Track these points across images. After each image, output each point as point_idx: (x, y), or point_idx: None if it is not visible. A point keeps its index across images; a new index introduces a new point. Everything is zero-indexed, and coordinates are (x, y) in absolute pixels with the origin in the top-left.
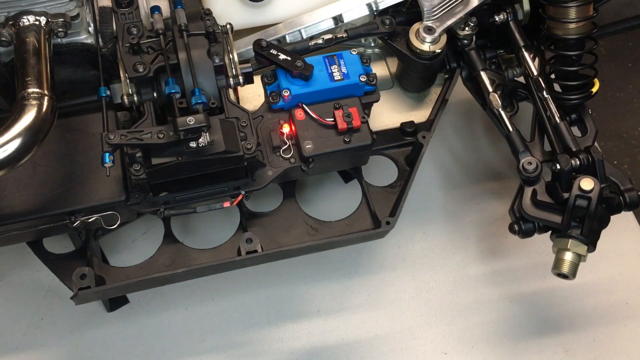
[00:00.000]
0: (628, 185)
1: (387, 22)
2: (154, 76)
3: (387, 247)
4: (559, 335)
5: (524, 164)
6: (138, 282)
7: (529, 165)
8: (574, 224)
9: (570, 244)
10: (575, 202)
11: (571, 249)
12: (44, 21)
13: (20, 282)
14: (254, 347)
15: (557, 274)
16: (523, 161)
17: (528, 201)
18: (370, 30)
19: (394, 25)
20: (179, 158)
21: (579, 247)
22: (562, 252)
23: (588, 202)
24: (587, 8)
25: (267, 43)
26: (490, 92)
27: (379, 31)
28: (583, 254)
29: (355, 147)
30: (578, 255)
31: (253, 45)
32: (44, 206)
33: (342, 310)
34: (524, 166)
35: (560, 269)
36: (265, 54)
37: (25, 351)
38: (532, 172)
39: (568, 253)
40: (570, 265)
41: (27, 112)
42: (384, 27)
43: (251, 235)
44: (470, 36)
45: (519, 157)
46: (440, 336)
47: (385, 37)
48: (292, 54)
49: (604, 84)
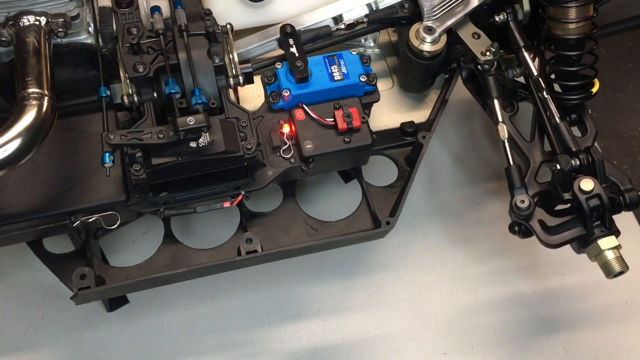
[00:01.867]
0: (628, 185)
1: (406, 7)
2: (154, 76)
3: (387, 247)
4: (559, 335)
5: (517, 201)
6: (138, 282)
7: (522, 203)
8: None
9: (603, 244)
10: (590, 204)
11: (607, 248)
12: (44, 21)
13: (20, 282)
14: (254, 347)
15: (614, 276)
16: (516, 198)
17: (543, 234)
18: (390, 14)
19: (413, 9)
20: (179, 158)
21: (610, 240)
22: (602, 255)
23: (599, 199)
24: (587, 8)
25: (292, 29)
26: (500, 121)
27: (398, 15)
28: (617, 244)
29: (355, 147)
30: (616, 248)
31: (280, 28)
32: (44, 206)
33: (342, 310)
34: (517, 204)
35: (613, 270)
36: (283, 40)
37: (25, 351)
38: (524, 211)
39: (608, 252)
40: (617, 262)
41: (27, 112)
42: (403, 12)
43: (251, 235)
44: (491, 62)
45: (514, 193)
46: (440, 336)
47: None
48: (301, 52)
49: (604, 84)
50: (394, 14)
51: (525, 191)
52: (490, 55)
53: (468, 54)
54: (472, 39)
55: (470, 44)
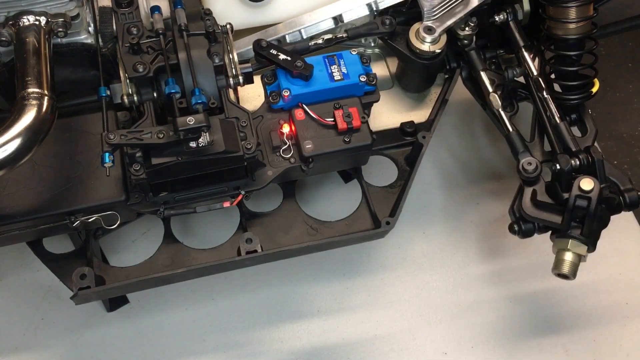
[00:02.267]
0: (628, 185)
1: (387, 22)
2: (154, 76)
3: (387, 247)
4: (559, 335)
5: (524, 164)
6: (138, 282)
7: (529, 165)
8: (574, 224)
9: (570, 244)
10: (575, 202)
11: (571, 249)
12: (44, 21)
13: (20, 282)
14: (254, 347)
15: (558, 274)
16: (523, 161)
17: (528, 201)
18: (370, 30)
19: (394, 25)
20: (179, 158)
21: (579, 247)
22: (562, 252)
23: (588, 202)
24: (587, 8)
25: (267, 43)
26: (490, 92)
27: (379, 31)
28: (583, 254)
29: (355, 147)
30: (578, 256)
31: (253, 45)
32: (44, 206)
33: (342, 310)
34: (524, 166)
35: (561, 270)
36: (265, 54)
37: (25, 351)
38: (532, 173)
39: (568, 253)
40: (570, 266)
41: (27, 112)
42: (384, 27)
43: (251, 235)
44: (470, 36)
45: (519, 157)
46: (440, 336)
47: (385, 37)
48: (292, 54)
49: (604, 84)
50: (374, 29)
51: (530, 154)
52: (469, 30)
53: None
54: None
55: None
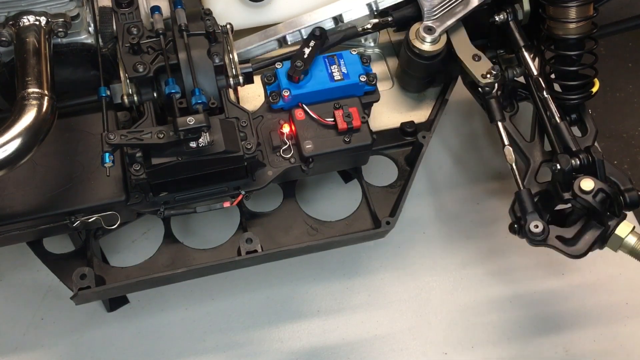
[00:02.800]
0: (628, 185)
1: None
2: (154, 76)
3: (387, 247)
4: (559, 335)
5: (531, 227)
6: (138, 282)
7: (536, 228)
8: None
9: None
10: (598, 198)
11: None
12: (44, 21)
13: (20, 282)
14: (254, 347)
15: None
16: (530, 224)
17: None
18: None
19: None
20: (179, 158)
21: (625, 226)
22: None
23: (603, 192)
24: (587, 8)
25: (322, 33)
26: (506, 145)
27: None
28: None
29: (355, 147)
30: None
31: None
32: (44, 206)
33: (342, 310)
34: (531, 229)
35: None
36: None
37: (25, 351)
38: (539, 236)
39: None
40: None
41: (27, 112)
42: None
43: (251, 235)
44: (492, 84)
45: (527, 218)
46: (440, 336)
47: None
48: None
49: (604, 84)
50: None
51: (539, 216)
52: (491, 78)
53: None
54: (473, 61)
55: (470, 67)
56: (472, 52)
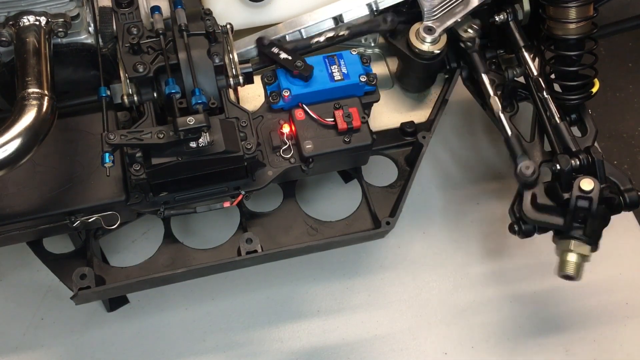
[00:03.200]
0: (628, 185)
1: (388, 20)
2: (154, 76)
3: (387, 247)
4: (559, 335)
5: (522, 168)
6: (138, 282)
7: (527, 169)
8: (576, 225)
9: (573, 245)
10: (577, 203)
11: (575, 250)
12: (44, 21)
13: (20, 282)
14: (254, 347)
15: (562, 276)
16: (521, 165)
17: (528, 205)
18: (372, 27)
19: (396, 22)
20: (179, 158)
21: (583, 247)
22: (566, 253)
23: (589, 202)
24: (587, 8)
25: (270, 41)
26: (491, 95)
27: (380, 28)
28: (587, 254)
29: (355, 147)
30: (582, 256)
31: (256, 42)
32: (44, 206)
33: (342, 310)
34: (522, 170)
35: (565, 271)
36: (266, 52)
37: (25, 351)
38: (530, 177)
39: (572, 254)
40: (575, 267)
41: (27, 112)
42: (385, 25)
43: (251, 235)
44: (473, 39)
45: (517, 162)
46: (440, 336)
47: (387, 34)
48: (293, 54)
49: (604, 84)
50: (376, 27)
51: (529, 157)
52: (473, 32)
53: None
54: None
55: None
56: None
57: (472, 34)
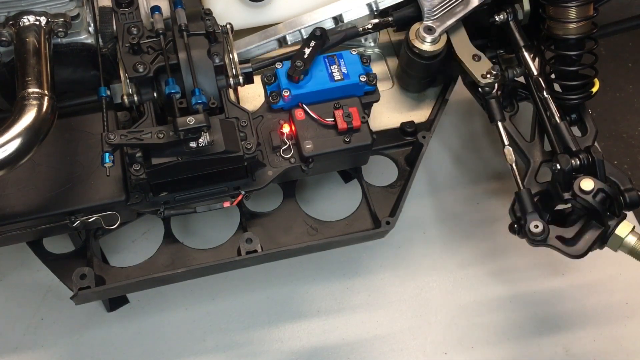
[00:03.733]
0: (628, 185)
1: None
2: (154, 76)
3: (387, 247)
4: (559, 335)
5: (531, 227)
6: (138, 282)
7: (536, 228)
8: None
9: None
10: (597, 198)
11: (626, 235)
12: (44, 21)
13: (20, 282)
14: (254, 347)
15: None
16: (530, 224)
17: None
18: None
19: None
20: (179, 158)
21: (625, 226)
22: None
23: (603, 192)
24: (587, 8)
25: (323, 33)
26: (506, 145)
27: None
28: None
29: (355, 147)
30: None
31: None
32: (44, 206)
33: (342, 310)
34: (531, 229)
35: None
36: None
37: (25, 351)
38: (539, 236)
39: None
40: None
41: (27, 112)
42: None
43: (251, 235)
44: (492, 85)
45: (527, 218)
46: (440, 336)
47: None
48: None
49: (604, 84)
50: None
51: (539, 215)
52: (491, 78)
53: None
54: (473, 61)
55: (470, 67)
56: (472, 52)
57: (490, 80)
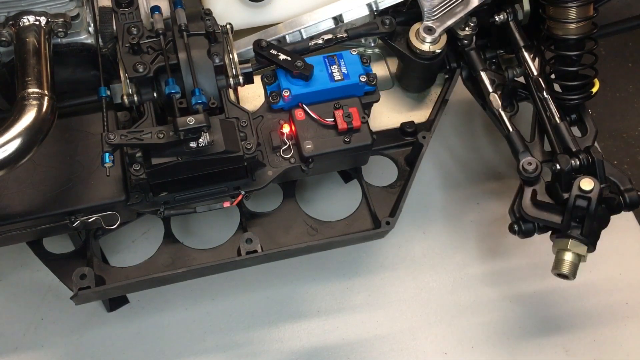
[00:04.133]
0: (628, 185)
1: (387, 22)
2: (154, 76)
3: (387, 247)
4: (559, 335)
5: (524, 164)
6: (138, 282)
7: (529, 165)
8: (574, 224)
9: (570, 244)
10: (575, 202)
11: (571, 249)
12: (44, 21)
13: (20, 282)
14: (254, 347)
15: (557, 274)
16: (523, 161)
17: (528, 201)
18: (370, 30)
19: (394, 25)
20: (179, 158)
21: (579, 247)
22: (562, 252)
23: (588, 202)
24: (587, 8)
25: (267, 43)
26: (490, 92)
27: (378, 31)
28: (583, 254)
29: (355, 147)
30: (578, 256)
31: (253, 45)
32: (44, 206)
33: (342, 310)
34: (524, 166)
35: (560, 269)
36: (265, 54)
37: (25, 351)
38: (532, 172)
39: (568, 253)
40: (570, 266)
41: (27, 112)
42: (384, 28)
43: (251, 235)
44: (470, 36)
45: (519, 157)
46: (440, 336)
47: (385, 37)
48: (292, 54)
49: (604, 84)
50: (374, 29)
51: (530, 154)
52: (469, 30)
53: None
54: None
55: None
56: None
57: (468, 32)
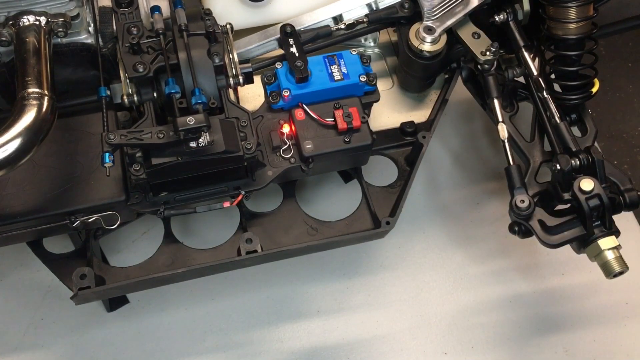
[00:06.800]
0: (628, 185)
1: (406, 6)
2: (154, 76)
3: (387, 247)
4: (559, 335)
5: (517, 201)
6: (138, 282)
7: (522, 203)
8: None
9: (603, 244)
10: (590, 205)
11: (606, 248)
12: (44, 21)
13: (20, 282)
14: (254, 347)
15: (614, 276)
16: (516, 197)
17: (543, 234)
18: (390, 14)
19: (413, 9)
20: (179, 158)
21: (610, 240)
22: (602, 255)
23: (599, 199)
24: (587, 8)
25: (292, 29)
26: (500, 121)
27: (398, 15)
28: (617, 244)
29: (355, 147)
30: (616, 249)
31: (280, 28)
32: (44, 206)
33: (342, 310)
34: (517, 204)
35: (612, 270)
36: (282, 40)
37: (25, 351)
38: (524, 210)
39: (607, 253)
40: (617, 262)
41: (27, 112)
42: (403, 11)
43: (251, 235)
44: (491, 61)
45: (514, 193)
46: (440, 336)
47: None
48: (302, 52)
49: (604, 84)
50: (394, 13)
51: (525, 191)
52: (490, 55)
53: (468, 53)
54: (472, 38)
55: (470, 44)
56: (472, 30)
57: (490, 57)
